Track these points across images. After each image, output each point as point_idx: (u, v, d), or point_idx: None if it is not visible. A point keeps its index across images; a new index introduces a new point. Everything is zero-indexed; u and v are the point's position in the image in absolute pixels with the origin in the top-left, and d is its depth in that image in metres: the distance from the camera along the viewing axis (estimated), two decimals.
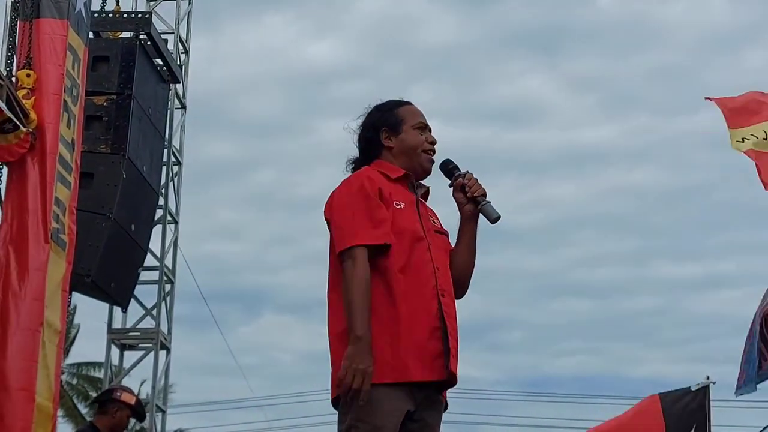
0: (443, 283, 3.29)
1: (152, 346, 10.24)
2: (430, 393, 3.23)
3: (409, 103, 3.56)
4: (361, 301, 3.10)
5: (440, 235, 3.43)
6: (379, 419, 3.10)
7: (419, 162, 3.45)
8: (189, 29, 10.98)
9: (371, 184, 3.30)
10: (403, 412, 3.13)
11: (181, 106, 10.77)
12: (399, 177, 3.42)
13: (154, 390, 10.29)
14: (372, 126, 3.51)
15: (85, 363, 24.98)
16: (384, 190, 3.32)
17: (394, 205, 3.30)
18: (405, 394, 3.15)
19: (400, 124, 3.47)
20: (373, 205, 3.25)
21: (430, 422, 3.25)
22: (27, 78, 4.82)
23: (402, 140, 3.46)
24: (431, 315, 3.22)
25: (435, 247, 3.33)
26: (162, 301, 10.33)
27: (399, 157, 3.46)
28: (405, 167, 3.45)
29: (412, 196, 3.41)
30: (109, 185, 7.63)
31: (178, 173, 10.73)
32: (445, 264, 3.35)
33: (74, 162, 5.10)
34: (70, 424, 23.52)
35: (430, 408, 3.25)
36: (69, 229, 5.00)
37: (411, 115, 3.50)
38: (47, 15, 4.96)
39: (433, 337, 3.20)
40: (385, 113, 3.51)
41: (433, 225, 3.42)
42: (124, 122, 7.81)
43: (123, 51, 8.08)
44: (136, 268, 8.70)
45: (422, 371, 3.17)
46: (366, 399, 3.04)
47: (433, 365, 3.19)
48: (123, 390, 6.48)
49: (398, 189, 3.38)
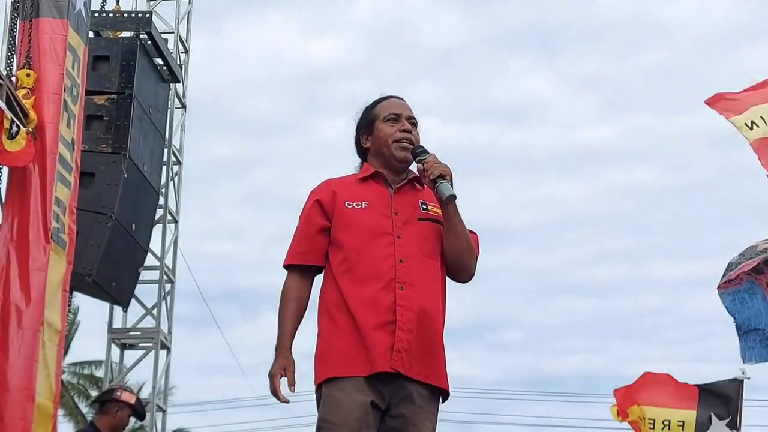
0: (406, 275, 3.27)
1: (152, 346, 10.24)
2: (400, 386, 3.21)
3: (389, 96, 3.55)
4: (281, 315, 3.36)
5: (426, 222, 3.40)
6: (338, 416, 3.16)
7: (390, 153, 3.45)
8: (189, 29, 10.98)
9: (317, 193, 3.44)
10: (363, 404, 3.16)
11: (182, 106, 10.77)
12: (366, 177, 3.45)
13: (154, 389, 10.29)
14: (355, 130, 3.56)
15: (85, 362, 25.00)
16: (340, 193, 3.40)
17: (345, 205, 3.37)
18: (362, 387, 3.17)
19: (373, 122, 3.49)
20: (304, 222, 3.43)
21: (410, 417, 3.22)
22: (27, 78, 4.81)
23: (375, 137, 3.49)
24: (382, 309, 3.23)
25: (406, 240, 3.33)
26: (162, 301, 10.33)
27: (377, 156, 3.49)
28: (382, 164, 3.47)
29: (385, 192, 3.42)
30: (109, 185, 7.63)
31: (178, 173, 10.74)
32: (416, 254, 3.32)
33: (74, 162, 5.09)
34: (70, 424, 23.54)
35: (407, 402, 3.23)
36: (69, 229, 4.99)
37: (383, 109, 3.51)
38: (47, 14, 4.95)
39: (382, 331, 3.21)
40: (363, 115, 3.55)
41: (419, 213, 3.41)
42: (124, 122, 7.81)
43: (123, 50, 8.08)
44: (137, 267, 8.69)
45: (365, 365, 3.19)
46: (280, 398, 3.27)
47: (379, 358, 3.19)
48: (123, 389, 6.49)
49: (366, 188, 3.42)
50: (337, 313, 3.29)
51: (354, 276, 3.29)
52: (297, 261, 3.40)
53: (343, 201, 3.38)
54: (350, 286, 3.28)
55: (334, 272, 3.34)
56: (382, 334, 3.21)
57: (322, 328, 3.35)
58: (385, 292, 3.25)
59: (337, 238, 3.36)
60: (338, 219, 3.37)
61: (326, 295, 3.36)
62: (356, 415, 3.13)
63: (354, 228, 3.34)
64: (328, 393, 3.20)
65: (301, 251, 3.40)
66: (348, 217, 3.36)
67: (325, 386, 3.22)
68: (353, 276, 3.29)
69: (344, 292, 3.28)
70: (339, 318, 3.28)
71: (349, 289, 3.28)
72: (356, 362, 3.20)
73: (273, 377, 3.27)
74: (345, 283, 3.29)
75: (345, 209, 3.37)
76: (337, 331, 3.27)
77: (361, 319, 3.23)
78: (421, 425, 3.22)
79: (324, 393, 3.22)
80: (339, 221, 3.37)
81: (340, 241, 3.35)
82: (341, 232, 3.36)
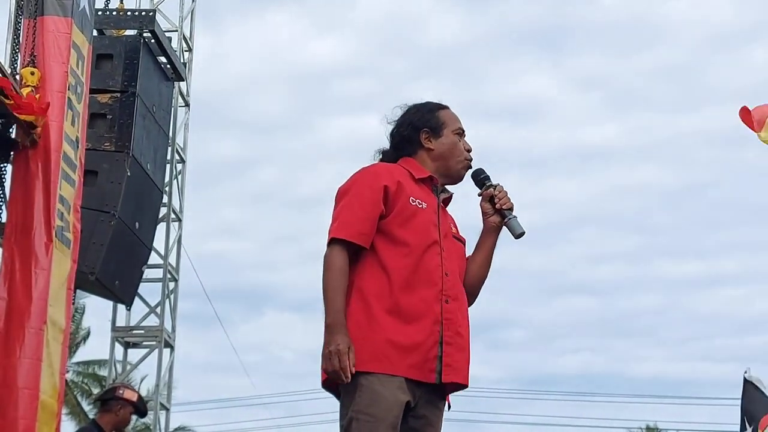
0: (450, 288, 3.27)
1: (156, 344, 10.23)
2: (429, 391, 3.23)
3: (448, 107, 3.56)
4: (333, 289, 3.16)
5: (457, 242, 3.43)
6: (379, 411, 3.11)
7: (456, 168, 3.46)
8: (193, 27, 10.98)
9: (385, 178, 3.31)
10: (402, 403, 3.14)
11: (185, 104, 10.76)
12: (423, 178, 3.41)
13: (157, 388, 10.29)
14: (411, 124, 3.49)
15: (89, 361, 25.02)
16: (404, 184, 3.33)
17: (410, 201, 3.30)
18: (403, 386, 3.16)
19: (441, 128, 3.47)
20: (369, 202, 3.27)
21: (432, 420, 3.26)
22: (31, 76, 4.81)
23: (442, 144, 3.46)
24: (431, 318, 3.21)
25: (448, 253, 3.33)
26: (166, 299, 10.32)
27: (437, 160, 3.46)
28: (440, 171, 3.45)
29: (434, 200, 3.41)
30: (113, 183, 7.62)
31: (182, 171, 10.73)
32: (456, 271, 3.34)
33: (78, 160, 5.10)
34: (73, 422, 23.55)
35: (431, 405, 3.25)
36: (73, 227, 4.99)
37: (452, 120, 3.51)
38: (51, 13, 4.95)
39: (429, 340, 3.20)
40: (426, 114, 3.50)
41: (452, 231, 3.42)
42: (128, 120, 7.80)
43: (127, 49, 8.07)
44: (140, 266, 8.68)
45: (413, 370, 3.18)
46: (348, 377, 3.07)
47: (423, 367, 3.19)
48: (125, 387, 6.50)
49: (420, 189, 3.39)
50: (383, 307, 3.21)
51: (408, 275, 3.23)
52: (357, 240, 3.24)
53: (409, 195, 3.32)
54: (403, 285, 3.22)
55: (386, 266, 3.24)
56: (428, 344, 3.19)
57: (360, 316, 3.21)
58: (434, 302, 3.23)
59: (393, 231, 3.28)
60: (400, 212, 3.29)
61: (371, 284, 3.24)
62: (396, 413, 3.11)
63: (415, 227, 3.29)
64: (369, 385, 3.13)
65: (362, 231, 3.25)
66: (411, 213, 3.30)
67: (365, 377, 3.13)
68: (407, 275, 3.23)
69: (395, 288, 3.22)
70: (384, 314, 3.20)
71: (401, 287, 3.22)
72: (401, 362, 3.16)
73: (341, 354, 3.06)
74: (397, 280, 3.22)
75: (409, 205, 3.30)
76: (381, 325, 3.19)
77: (411, 324, 3.19)
78: (437, 426, 3.27)
79: (363, 384, 3.13)
80: (401, 215, 3.29)
81: (398, 235, 3.27)
82: (401, 227, 3.28)
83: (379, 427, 3.09)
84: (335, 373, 3.08)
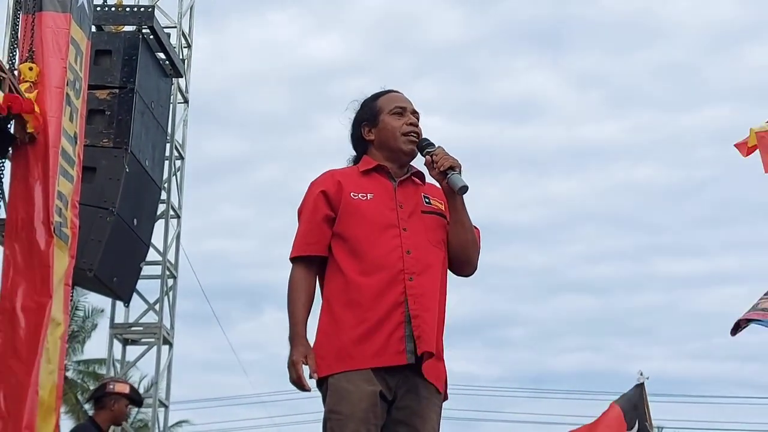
0: (414, 265, 3.26)
1: (155, 341, 10.23)
2: (406, 378, 3.21)
3: (391, 90, 3.54)
4: (292, 303, 3.29)
5: (429, 215, 3.40)
6: (347, 407, 3.13)
7: (398, 146, 3.44)
8: (192, 24, 10.98)
9: (323, 184, 3.39)
10: (371, 394, 3.14)
11: (184, 101, 10.76)
12: (368, 169, 3.43)
13: (156, 385, 10.28)
14: (355, 122, 3.53)
15: (89, 360, 24.99)
16: (345, 184, 3.37)
17: (351, 196, 3.34)
18: (370, 377, 3.16)
19: (378, 115, 3.47)
20: (310, 212, 3.38)
21: (416, 409, 3.22)
22: (30, 71, 4.80)
23: (380, 130, 3.46)
24: (390, 301, 3.22)
25: (412, 231, 3.32)
26: (164, 296, 10.32)
27: (380, 149, 3.47)
28: (387, 157, 3.45)
29: (389, 185, 3.41)
30: (111, 179, 7.62)
31: (180, 168, 10.72)
32: (423, 245, 3.32)
33: (77, 156, 5.09)
34: (73, 420, 23.51)
35: (413, 394, 3.22)
36: (71, 223, 4.98)
37: (387, 102, 3.49)
38: (50, 8, 4.94)
39: (391, 322, 3.20)
40: (365, 107, 3.52)
41: (422, 206, 3.40)
42: (126, 116, 7.81)
43: (126, 45, 8.08)
44: (139, 262, 8.68)
45: (377, 358, 3.18)
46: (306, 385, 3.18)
47: (388, 351, 3.18)
48: (115, 381, 6.49)
49: (370, 181, 3.40)
50: (341, 305, 3.26)
51: (360, 268, 3.26)
52: (305, 252, 3.34)
53: (349, 192, 3.36)
54: (356, 278, 3.25)
55: (340, 264, 3.30)
56: (390, 325, 3.20)
57: (324, 321, 3.31)
58: (393, 284, 3.23)
59: (342, 230, 3.34)
60: (344, 210, 3.34)
61: (330, 287, 3.32)
62: (365, 406, 3.12)
63: (360, 219, 3.32)
64: (335, 384, 3.17)
65: (308, 242, 3.35)
66: (354, 208, 3.34)
67: (332, 378, 3.18)
68: (359, 268, 3.26)
69: (350, 284, 3.25)
70: (343, 310, 3.25)
71: (355, 281, 3.25)
72: (363, 354, 3.17)
73: (295, 365, 3.19)
74: (351, 275, 3.26)
75: (351, 200, 3.35)
76: (341, 323, 3.24)
77: (368, 311, 3.21)
78: (426, 417, 3.22)
79: (331, 384, 3.18)
80: (345, 212, 3.34)
81: (346, 232, 3.33)
82: (347, 223, 3.33)
83: (348, 423, 3.11)
84: (294, 384, 3.18)
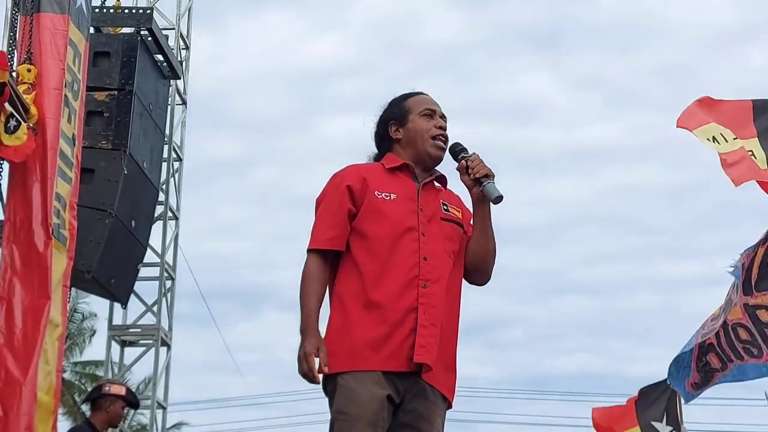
0: (429, 272, 3.25)
1: (153, 343, 10.23)
2: (416, 382, 3.20)
3: (420, 93, 3.54)
4: (306, 294, 3.23)
5: (447, 222, 3.39)
6: (356, 409, 3.11)
7: (425, 149, 3.43)
8: (190, 25, 10.99)
9: (349, 179, 3.35)
10: (380, 397, 3.12)
11: (182, 102, 10.77)
12: (394, 167, 3.41)
13: (154, 386, 10.28)
14: (381, 120, 3.53)
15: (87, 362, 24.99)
16: (370, 181, 3.34)
17: (375, 195, 3.31)
18: (380, 380, 3.14)
19: (407, 115, 3.47)
20: (335, 206, 3.33)
21: (424, 413, 3.21)
22: (27, 73, 4.80)
23: (408, 130, 3.46)
24: (404, 306, 3.20)
25: (430, 237, 3.30)
26: (162, 298, 10.32)
27: (407, 148, 3.45)
28: (413, 157, 3.44)
29: (413, 186, 3.39)
30: (109, 181, 7.62)
31: (178, 169, 10.73)
32: (440, 252, 3.30)
33: (75, 157, 5.08)
34: (70, 422, 23.51)
35: (421, 398, 3.22)
36: (70, 225, 4.98)
37: (417, 103, 3.49)
38: (48, 10, 4.93)
39: (403, 328, 3.18)
40: (394, 106, 3.52)
41: (441, 213, 3.39)
42: (125, 118, 7.80)
43: (124, 46, 8.07)
44: (137, 264, 8.68)
45: (388, 361, 3.17)
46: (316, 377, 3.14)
47: (399, 356, 3.17)
48: (111, 383, 6.50)
49: (394, 180, 3.38)
50: (355, 304, 3.23)
51: (378, 269, 3.23)
52: (327, 246, 3.30)
53: (374, 190, 3.33)
54: (373, 279, 3.22)
55: (357, 262, 3.27)
56: (404, 331, 3.18)
57: (335, 318, 3.27)
58: (408, 288, 3.21)
59: (362, 228, 3.30)
60: (367, 208, 3.31)
61: (346, 285, 3.28)
62: (374, 408, 3.10)
63: (383, 219, 3.29)
64: (345, 384, 3.15)
65: (331, 236, 3.31)
66: (377, 207, 3.31)
67: (342, 377, 3.16)
68: (377, 269, 3.24)
69: (366, 284, 3.23)
70: (356, 310, 3.22)
71: (371, 282, 3.22)
72: (376, 357, 3.16)
73: (308, 357, 3.12)
74: (367, 275, 3.23)
75: (375, 198, 3.32)
76: (356, 323, 3.20)
77: (387, 313, 3.19)
78: (432, 421, 3.22)
79: (341, 384, 3.16)
80: (368, 210, 3.31)
81: (367, 231, 3.29)
82: (369, 222, 3.30)
83: (356, 424, 3.10)
84: (305, 376, 3.13)
